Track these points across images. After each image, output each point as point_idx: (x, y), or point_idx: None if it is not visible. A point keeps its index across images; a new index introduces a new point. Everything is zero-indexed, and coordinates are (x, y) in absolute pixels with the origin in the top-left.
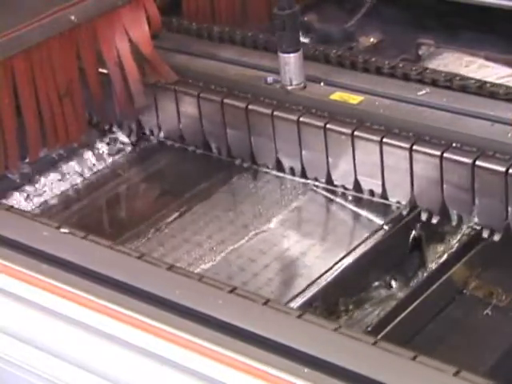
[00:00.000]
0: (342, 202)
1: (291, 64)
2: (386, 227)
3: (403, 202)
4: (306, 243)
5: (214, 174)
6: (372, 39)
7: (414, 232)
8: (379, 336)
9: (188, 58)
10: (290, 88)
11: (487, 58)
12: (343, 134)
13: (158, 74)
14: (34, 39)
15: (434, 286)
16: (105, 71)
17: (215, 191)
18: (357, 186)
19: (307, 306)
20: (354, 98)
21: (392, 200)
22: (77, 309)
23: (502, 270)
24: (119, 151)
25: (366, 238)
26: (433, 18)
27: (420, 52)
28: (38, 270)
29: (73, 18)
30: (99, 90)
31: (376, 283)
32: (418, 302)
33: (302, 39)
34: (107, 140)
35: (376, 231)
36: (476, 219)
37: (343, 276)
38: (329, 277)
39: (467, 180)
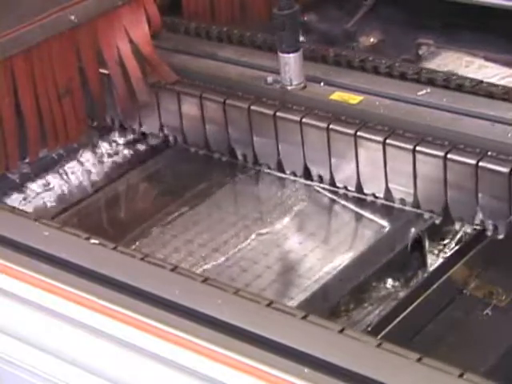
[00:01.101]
0: (345, 203)
1: (291, 64)
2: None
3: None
4: (308, 244)
5: (216, 174)
6: (372, 39)
7: (414, 232)
8: (379, 336)
9: (188, 58)
10: (289, 88)
11: (487, 58)
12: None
13: (158, 74)
14: (34, 39)
15: (434, 286)
16: (105, 71)
17: (217, 192)
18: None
19: (307, 306)
20: (354, 98)
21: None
22: (77, 309)
23: (502, 270)
24: (119, 151)
25: (368, 239)
26: (433, 18)
27: (420, 52)
28: (38, 270)
29: (73, 17)
30: (99, 90)
31: (376, 283)
32: (418, 301)
33: (302, 39)
34: (107, 140)
35: (377, 231)
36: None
37: (343, 276)
38: (329, 277)
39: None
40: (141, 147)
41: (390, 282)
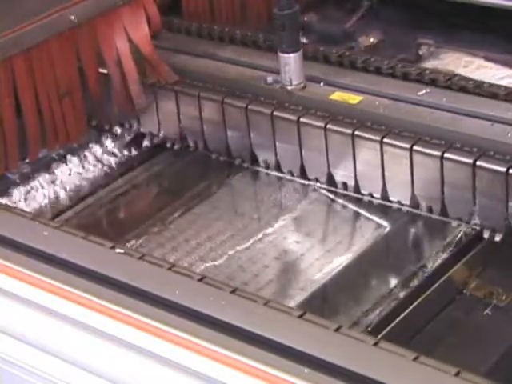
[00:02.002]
0: (344, 202)
1: (291, 64)
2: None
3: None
4: (307, 244)
5: (215, 174)
6: (372, 39)
7: (413, 231)
8: (379, 336)
9: (188, 58)
10: (289, 88)
11: (487, 59)
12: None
13: (158, 74)
14: (33, 39)
15: (434, 286)
16: (105, 71)
17: (216, 192)
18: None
19: (307, 306)
20: (354, 98)
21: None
22: (77, 309)
23: (502, 270)
24: (119, 151)
25: (367, 238)
26: (433, 17)
27: (420, 52)
28: (38, 270)
29: (73, 17)
30: (99, 90)
31: (376, 283)
32: (418, 301)
33: (302, 39)
34: (107, 140)
35: (377, 231)
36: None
37: (343, 275)
38: (329, 276)
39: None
40: (141, 147)
41: (389, 281)
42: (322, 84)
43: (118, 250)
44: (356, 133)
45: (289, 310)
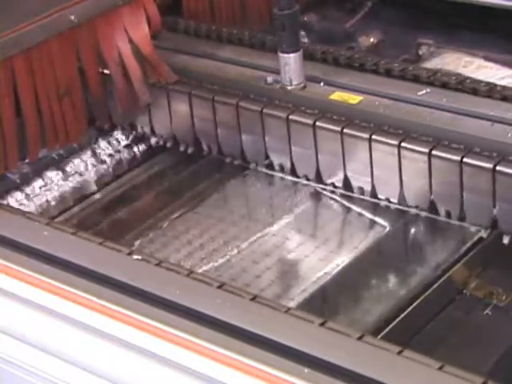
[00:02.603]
0: (345, 203)
1: (291, 64)
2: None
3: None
4: (307, 245)
5: (215, 174)
6: (372, 39)
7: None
8: (379, 336)
9: (188, 58)
10: (289, 88)
11: (487, 58)
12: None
13: (158, 74)
14: (33, 39)
15: (434, 286)
16: (105, 71)
17: (216, 193)
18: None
19: (307, 306)
20: (354, 98)
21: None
22: (77, 309)
23: (502, 270)
24: (119, 151)
25: (368, 238)
26: (433, 17)
27: (420, 52)
28: (38, 269)
29: (73, 17)
30: (99, 90)
31: (376, 282)
32: (418, 301)
33: (302, 39)
34: (107, 140)
35: (377, 231)
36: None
37: (343, 275)
38: (329, 276)
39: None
40: (141, 147)
41: (389, 281)
42: (321, 84)
43: (135, 257)
44: (373, 137)
45: (289, 309)
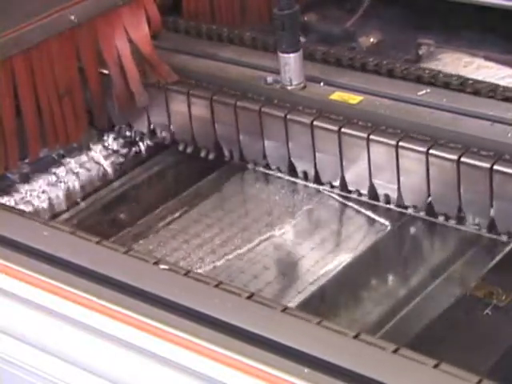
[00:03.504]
0: (343, 201)
1: (291, 64)
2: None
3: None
4: (307, 245)
5: (216, 174)
6: (372, 39)
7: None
8: (378, 335)
9: (188, 58)
10: (289, 88)
11: (487, 58)
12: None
13: (158, 74)
14: (33, 39)
15: (434, 286)
16: (105, 71)
17: (216, 193)
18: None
19: (307, 306)
20: (354, 98)
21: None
22: (77, 309)
23: (502, 270)
24: (119, 151)
25: (368, 238)
26: (433, 18)
27: (420, 52)
28: (38, 270)
29: (73, 17)
30: (99, 90)
31: (376, 282)
32: (417, 301)
33: (302, 39)
34: (107, 140)
35: (377, 230)
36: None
37: (343, 275)
38: (328, 276)
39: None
40: (141, 147)
41: (389, 281)
42: (322, 84)
43: (161, 266)
44: (400, 144)
45: (289, 310)
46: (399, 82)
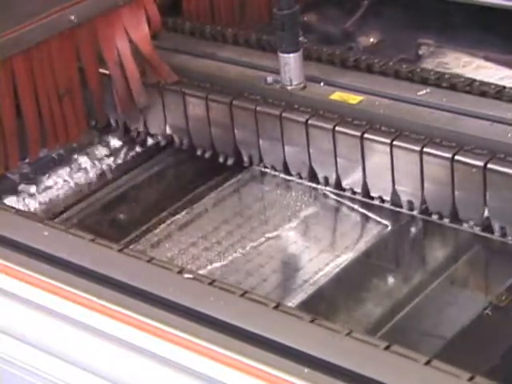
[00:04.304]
0: (343, 201)
1: (291, 64)
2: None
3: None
4: (308, 245)
5: (218, 175)
6: (372, 39)
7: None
8: (378, 335)
9: (188, 58)
10: (289, 88)
11: (487, 59)
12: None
13: (158, 74)
14: (33, 39)
15: (434, 285)
16: (105, 71)
17: (217, 194)
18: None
19: (308, 306)
20: (354, 98)
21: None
22: (77, 309)
23: (502, 270)
24: (119, 151)
25: (367, 237)
26: (433, 17)
27: (420, 52)
28: (38, 270)
29: (73, 17)
30: (99, 90)
31: (376, 282)
32: (417, 301)
33: (302, 39)
34: (107, 140)
35: (378, 230)
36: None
37: (343, 275)
38: (328, 276)
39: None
40: (141, 147)
41: (389, 281)
42: (322, 84)
43: (186, 275)
44: (424, 150)
45: (289, 310)
46: (399, 82)
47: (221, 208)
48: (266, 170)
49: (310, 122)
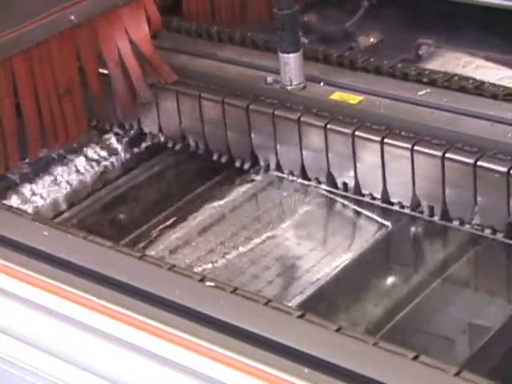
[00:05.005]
0: (343, 201)
1: (291, 64)
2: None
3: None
4: (307, 245)
5: (216, 175)
6: (372, 39)
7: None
8: (378, 335)
9: (188, 58)
10: (289, 88)
11: (487, 59)
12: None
13: (158, 74)
14: (33, 39)
15: (434, 285)
16: (105, 71)
17: (217, 193)
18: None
19: (307, 306)
20: (354, 98)
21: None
22: (77, 309)
23: (502, 270)
24: (119, 151)
25: (368, 237)
26: (433, 18)
27: (420, 52)
28: (38, 270)
29: (73, 17)
30: (99, 90)
31: (376, 282)
32: (417, 301)
33: (302, 39)
34: (107, 140)
35: (377, 230)
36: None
37: (343, 275)
38: (328, 276)
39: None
40: (141, 147)
41: (389, 281)
42: (322, 84)
43: (207, 283)
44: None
45: (288, 309)
46: (399, 82)
47: (221, 206)
48: (283, 174)
49: (328, 126)
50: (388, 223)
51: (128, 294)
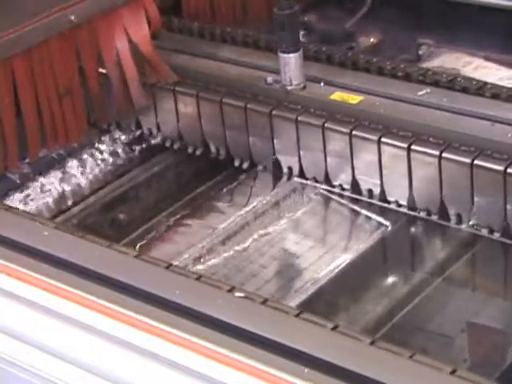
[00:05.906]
0: (342, 201)
1: (291, 64)
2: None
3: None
4: (306, 245)
5: (214, 174)
6: (372, 39)
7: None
8: (378, 335)
9: (188, 58)
10: (289, 88)
11: (487, 59)
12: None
13: (158, 74)
14: (34, 39)
15: (434, 285)
16: (105, 71)
17: (216, 192)
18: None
19: (307, 305)
20: (354, 98)
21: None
22: (77, 309)
23: (502, 270)
24: (119, 151)
25: (367, 237)
26: (433, 17)
27: (420, 52)
28: (38, 270)
29: (73, 17)
30: (99, 90)
31: (376, 281)
32: (417, 300)
33: (302, 39)
34: (107, 140)
35: (377, 230)
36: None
37: (342, 274)
38: (328, 275)
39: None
40: (141, 147)
41: (389, 280)
42: (322, 84)
43: (237, 294)
44: (354, 132)
45: (288, 309)
46: (399, 82)
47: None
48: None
49: (354, 132)
50: (387, 223)
51: (128, 294)
